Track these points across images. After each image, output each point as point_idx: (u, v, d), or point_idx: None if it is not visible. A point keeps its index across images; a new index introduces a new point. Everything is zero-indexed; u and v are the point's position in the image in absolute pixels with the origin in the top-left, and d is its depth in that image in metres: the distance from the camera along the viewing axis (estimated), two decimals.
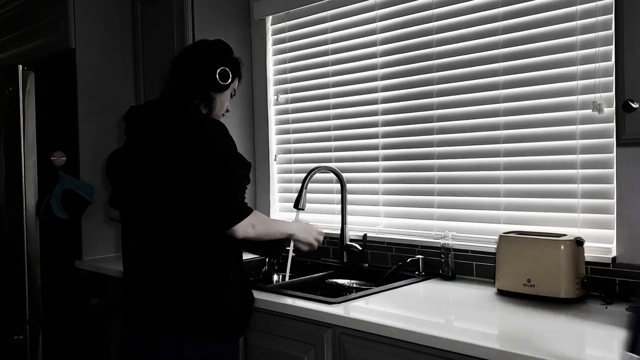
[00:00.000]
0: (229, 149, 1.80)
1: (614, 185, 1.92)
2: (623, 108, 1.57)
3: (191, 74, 1.92)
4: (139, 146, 1.86)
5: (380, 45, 2.58)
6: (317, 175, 2.63)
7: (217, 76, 1.91)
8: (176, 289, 1.76)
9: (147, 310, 1.81)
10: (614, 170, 1.92)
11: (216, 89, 1.93)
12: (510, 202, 2.19)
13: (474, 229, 2.29)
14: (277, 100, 3.02)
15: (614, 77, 1.64)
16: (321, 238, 2.17)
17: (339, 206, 2.64)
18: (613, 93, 1.69)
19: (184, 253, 1.77)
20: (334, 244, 2.68)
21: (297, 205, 2.47)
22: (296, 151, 2.96)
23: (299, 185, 2.52)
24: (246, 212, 1.78)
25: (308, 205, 2.59)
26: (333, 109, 2.78)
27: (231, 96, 2.03)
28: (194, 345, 1.76)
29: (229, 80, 1.94)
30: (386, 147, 2.58)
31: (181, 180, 1.74)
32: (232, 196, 1.76)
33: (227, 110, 2.04)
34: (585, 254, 1.91)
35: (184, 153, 1.74)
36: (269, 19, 3.03)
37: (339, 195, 2.65)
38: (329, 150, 2.81)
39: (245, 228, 1.77)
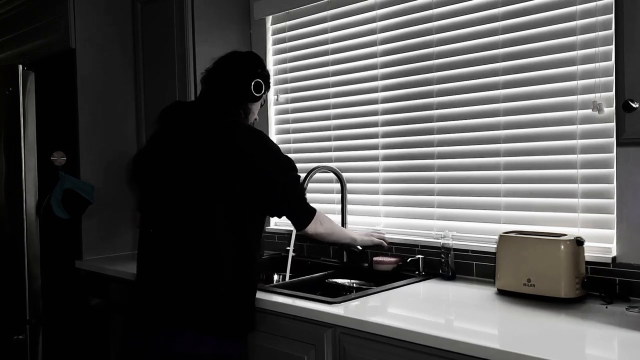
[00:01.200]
0: (287, 158, 1.96)
1: (614, 185, 1.92)
2: (623, 108, 1.57)
3: (230, 85, 2.02)
4: (181, 149, 1.90)
5: (380, 45, 2.58)
6: (317, 175, 2.63)
7: (252, 88, 2.02)
8: (197, 287, 1.80)
9: (164, 306, 1.82)
10: (614, 170, 1.92)
11: (250, 100, 2.05)
12: (510, 201, 2.19)
13: (474, 229, 2.29)
14: (277, 100, 3.02)
15: (614, 77, 1.64)
16: (382, 236, 2.43)
17: (339, 206, 2.64)
18: (613, 93, 1.69)
19: (209, 252, 1.81)
20: (334, 243, 2.68)
21: None
22: (296, 151, 2.96)
23: None
24: (313, 212, 2.03)
25: None
26: (333, 108, 2.78)
27: (261, 105, 2.14)
28: (210, 342, 1.78)
29: (262, 92, 2.07)
30: (386, 146, 2.58)
31: (241, 188, 1.82)
32: (300, 202, 2.00)
33: (256, 119, 2.15)
34: (585, 254, 1.91)
35: (246, 162, 1.83)
36: (269, 19, 3.03)
37: (339, 195, 2.65)
38: (329, 150, 2.81)
39: (315, 225, 2.03)
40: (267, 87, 2.13)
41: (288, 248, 2.42)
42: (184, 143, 1.91)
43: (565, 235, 1.91)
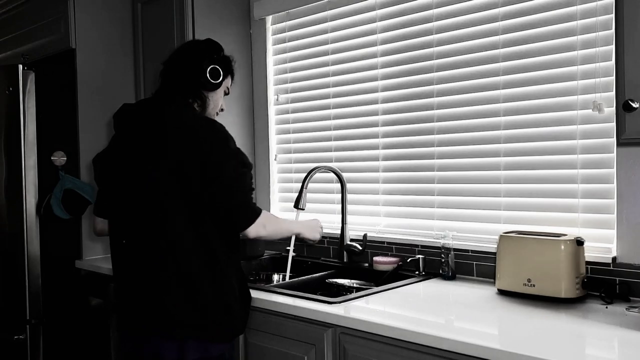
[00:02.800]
0: (237, 151, 1.83)
1: (614, 185, 1.92)
2: (623, 108, 1.57)
3: (182, 74, 1.92)
4: (136, 146, 1.84)
5: (380, 45, 2.58)
6: (317, 175, 2.62)
7: (208, 75, 1.91)
8: (177, 291, 1.75)
9: (147, 313, 1.79)
10: (614, 170, 1.92)
11: (208, 88, 1.93)
12: (511, 202, 2.19)
13: (474, 229, 2.29)
14: (277, 100, 3.02)
15: (614, 77, 1.64)
16: (323, 230, 2.26)
17: (339, 206, 2.64)
18: (613, 93, 1.69)
19: (185, 255, 1.75)
20: (334, 244, 2.68)
21: (297, 205, 2.47)
22: (296, 151, 2.96)
23: (299, 185, 2.52)
24: (257, 212, 1.82)
25: (308, 205, 2.58)
26: (333, 108, 2.78)
27: (224, 94, 2.02)
28: (195, 347, 1.75)
29: (220, 79, 1.94)
30: (386, 147, 2.58)
31: (189, 182, 1.74)
32: (244, 198, 1.81)
33: (222, 109, 2.04)
34: (586, 254, 1.90)
35: (192, 154, 1.74)
36: (269, 18, 3.03)
37: (339, 195, 2.65)
38: (329, 150, 2.81)
39: (257, 228, 1.82)
40: (228, 74, 1.98)
41: (288, 248, 2.41)
42: (140, 145, 1.82)
43: (565, 235, 1.91)
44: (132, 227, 1.83)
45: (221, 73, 1.93)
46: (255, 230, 1.81)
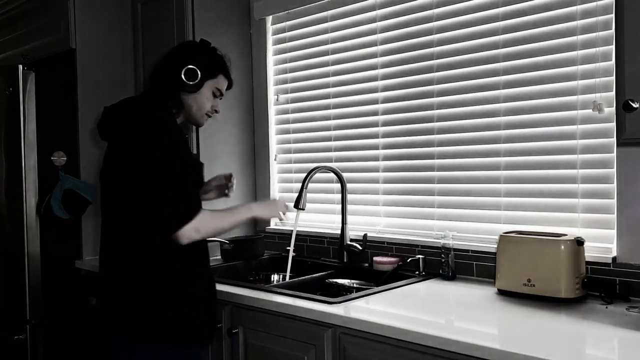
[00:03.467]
0: (168, 149, 1.71)
1: (614, 185, 1.92)
2: (623, 108, 1.57)
3: (162, 75, 1.87)
4: (108, 148, 1.86)
5: (380, 45, 2.58)
6: (317, 175, 2.62)
7: (183, 76, 1.83)
8: (130, 290, 1.74)
9: (110, 314, 1.80)
10: (615, 170, 1.92)
11: (186, 89, 1.85)
12: (511, 202, 2.19)
13: (474, 229, 2.29)
14: (277, 100, 3.02)
15: (614, 77, 1.64)
16: (285, 208, 2.10)
17: (339, 206, 2.64)
18: (613, 93, 1.69)
19: (140, 254, 1.74)
20: (334, 244, 2.68)
21: (298, 205, 2.47)
22: (296, 151, 2.96)
23: (299, 185, 2.52)
24: (186, 218, 1.68)
25: (308, 205, 2.59)
26: (333, 109, 2.78)
27: (215, 96, 1.94)
28: (147, 350, 1.72)
29: (197, 80, 1.84)
30: (386, 147, 2.58)
31: (127, 184, 1.74)
32: (169, 203, 1.67)
33: (216, 111, 1.96)
34: (586, 254, 1.91)
35: (130, 155, 1.73)
36: (269, 19, 3.03)
37: (339, 195, 2.65)
38: (329, 150, 2.81)
39: (188, 233, 1.69)
40: (217, 73, 1.91)
41: (288, 248, 2.41)
42: (111, 148, 1.83)
43: (565, 235, 1.91)
44: (103, 227, 1.85)
45: (199, 73, 1.84)
46: (187, 235, 1.68)
